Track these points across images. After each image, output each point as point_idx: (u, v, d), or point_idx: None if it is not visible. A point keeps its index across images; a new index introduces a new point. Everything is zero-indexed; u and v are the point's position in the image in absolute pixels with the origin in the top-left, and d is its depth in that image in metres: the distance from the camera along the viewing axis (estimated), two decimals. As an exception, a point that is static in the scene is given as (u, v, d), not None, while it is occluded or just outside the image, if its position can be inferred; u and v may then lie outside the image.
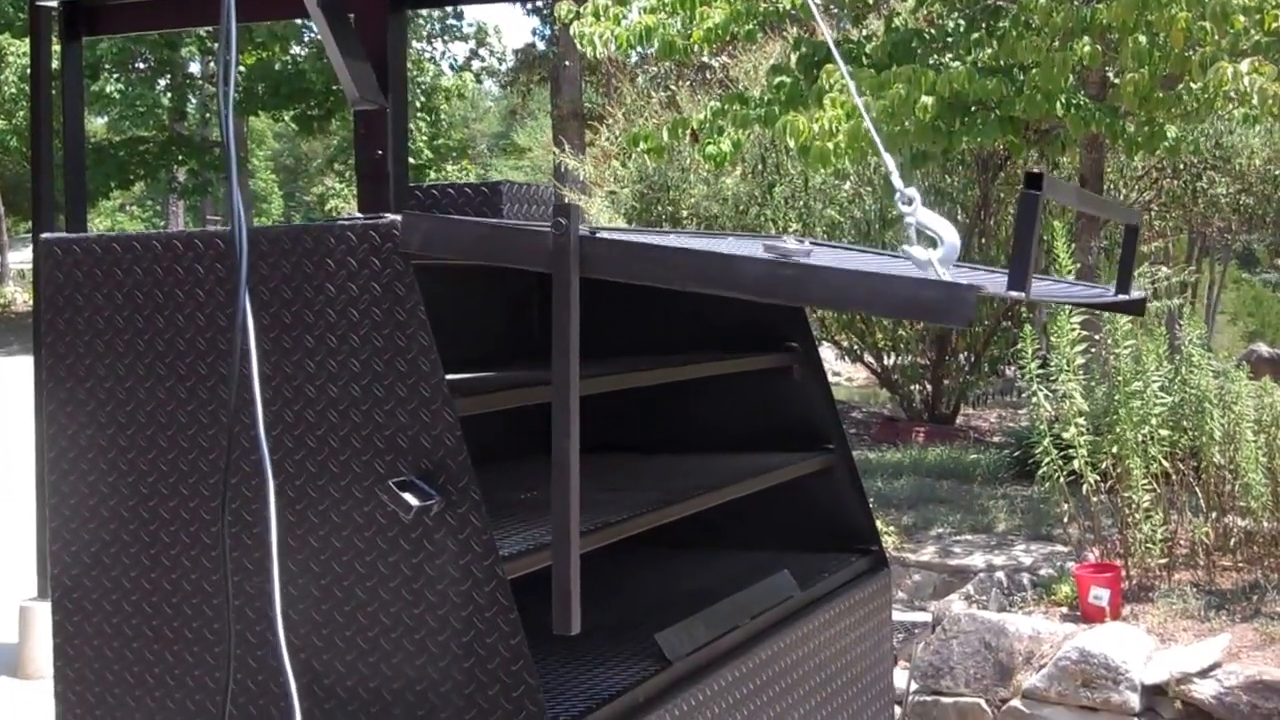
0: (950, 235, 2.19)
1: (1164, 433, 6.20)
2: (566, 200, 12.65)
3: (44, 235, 2.77)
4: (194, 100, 33.92)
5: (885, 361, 12.81)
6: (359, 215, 2.54)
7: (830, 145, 7.73)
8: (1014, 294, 2.15)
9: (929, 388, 12.54)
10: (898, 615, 5.87)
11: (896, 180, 2.36)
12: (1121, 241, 3.06)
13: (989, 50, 8.53)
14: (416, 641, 2.44)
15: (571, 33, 8.87)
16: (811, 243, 3.84)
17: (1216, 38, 7.59)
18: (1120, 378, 6.17)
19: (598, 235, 2.32)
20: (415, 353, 2.42)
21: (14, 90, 29.47)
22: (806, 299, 2.22)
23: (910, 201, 2.25)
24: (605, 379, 2.98)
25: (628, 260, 2.29)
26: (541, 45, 30.96)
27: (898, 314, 2.22)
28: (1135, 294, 3.06)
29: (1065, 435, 6.16)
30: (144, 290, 2.64)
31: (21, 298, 33.80)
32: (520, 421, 3.45)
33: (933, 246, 2.22)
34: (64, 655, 2.75)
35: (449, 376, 2.44)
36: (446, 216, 2.46)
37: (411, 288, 2.42)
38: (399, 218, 2.44)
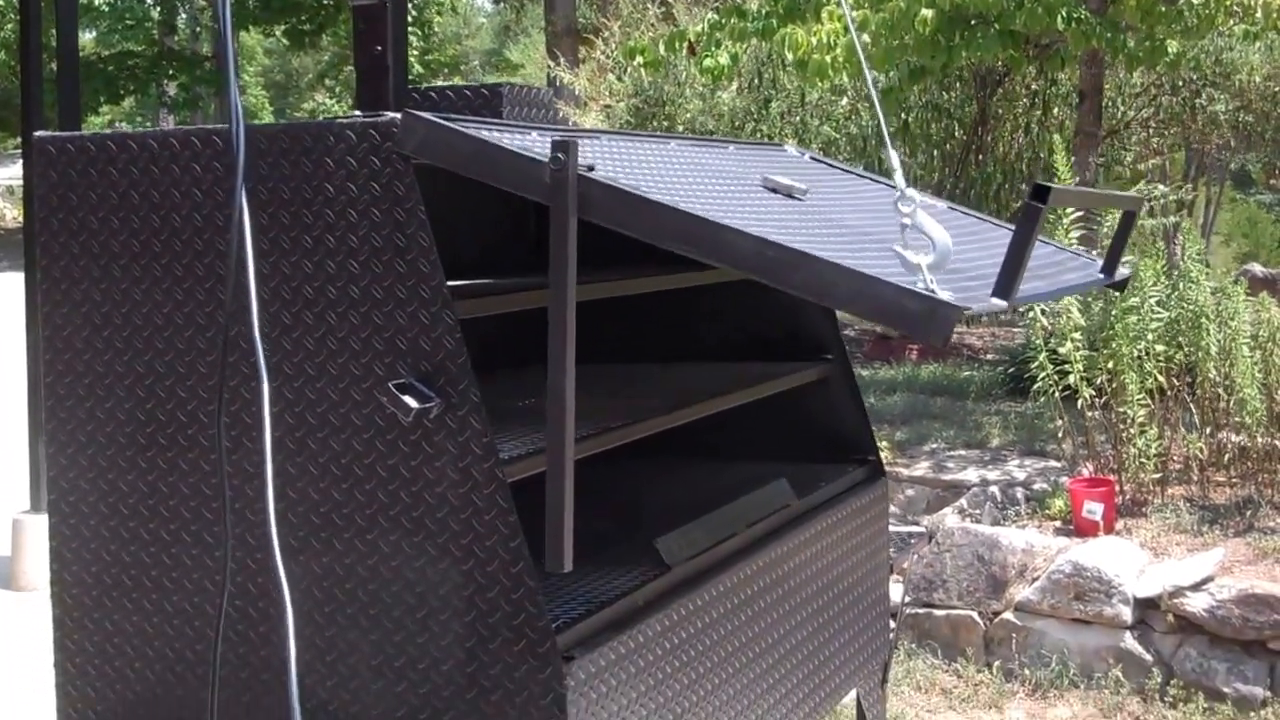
0: (944, 241, 2.16)
1: (1160, 348, 6.19)
2: (562, 115, 12.54)
3: (38, 134, 2.72)
4: (184, 14, 33.60)
5: (880, 279, 12.76)
6: (358, 114, 2.50)
7: (828, 59, 7.68)
8: (997, 301, 2.12)
9: (923, 305, 12.51)
10: (891, 529, 5.88)
11: (900, 179, 2.32)
12: (1119, 223, 3.14)
13: (990, -38, 8.44)
14: (416, 544, 2.43)
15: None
16: (811, 158, 3.80)
17: (1220, -50, 7.52)
18: (1117, 293, 6.15)
19: (594, 175, 2.26)
20: (415, 254, 2.39)
21: (1, 3, 29.15)
22: (789, 285, 2.16)
23: (910, 203, 2.21)
24: (602, 285, 2.95)
25: (620, 209, 2.24)
26: (535, -41, 30.64)
27: (876, 318, 2.16)
28: (1120, 274, 3.14)
29: (1061, 350, 6.15)
30: (140, 190, 2.60)
31: (11, 214, 33.60)
32: (521, 328, 3.43)
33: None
34: (61, 559, 2.74)
35: (449, 282, 2.41)
36: (447, 123, 2.39)
37: (412, 188, 2.39)
38: (399, 116, 2.40)
